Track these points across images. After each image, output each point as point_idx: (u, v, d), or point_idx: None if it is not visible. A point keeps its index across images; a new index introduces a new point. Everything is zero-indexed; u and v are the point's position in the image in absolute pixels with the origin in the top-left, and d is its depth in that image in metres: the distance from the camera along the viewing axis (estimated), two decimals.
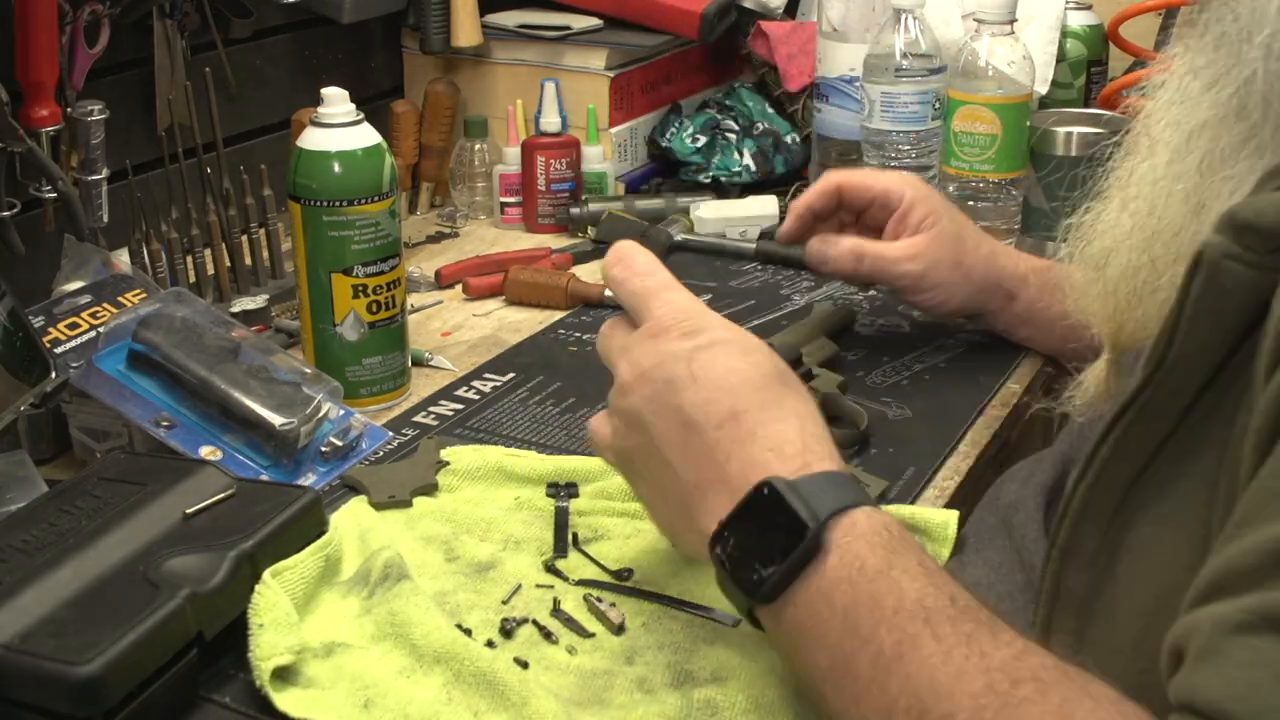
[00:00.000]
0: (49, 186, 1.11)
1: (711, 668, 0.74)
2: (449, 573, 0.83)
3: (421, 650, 0.73)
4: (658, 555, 0.85)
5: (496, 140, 1.54)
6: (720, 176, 1.52)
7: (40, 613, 0.70)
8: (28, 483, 0.90)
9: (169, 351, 0.97)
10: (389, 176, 1.03)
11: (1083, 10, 1.65)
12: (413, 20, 1.56)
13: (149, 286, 1.06)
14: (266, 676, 0.71)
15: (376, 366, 1.06)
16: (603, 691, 0.72)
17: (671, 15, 1.55)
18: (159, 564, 0.74)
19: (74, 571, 0.73)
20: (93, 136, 1.14)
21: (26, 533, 0.77)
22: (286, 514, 0.80)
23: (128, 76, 1.26)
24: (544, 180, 1.47)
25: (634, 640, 0.77)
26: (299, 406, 0.96)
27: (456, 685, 0.71)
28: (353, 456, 0.98)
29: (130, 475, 0.83)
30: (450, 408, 1.07)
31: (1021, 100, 1.34)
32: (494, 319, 1.26)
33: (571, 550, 0.86)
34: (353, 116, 1.03)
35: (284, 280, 1.25)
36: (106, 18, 1.17)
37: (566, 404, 1.07)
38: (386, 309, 1.05)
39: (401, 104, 1.51)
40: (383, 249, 1.04)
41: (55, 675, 0.66)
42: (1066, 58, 1.63)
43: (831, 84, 1.45)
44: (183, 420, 0.96)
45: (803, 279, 1.32)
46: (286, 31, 1.45)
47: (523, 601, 0.80)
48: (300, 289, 1.05)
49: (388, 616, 0.76)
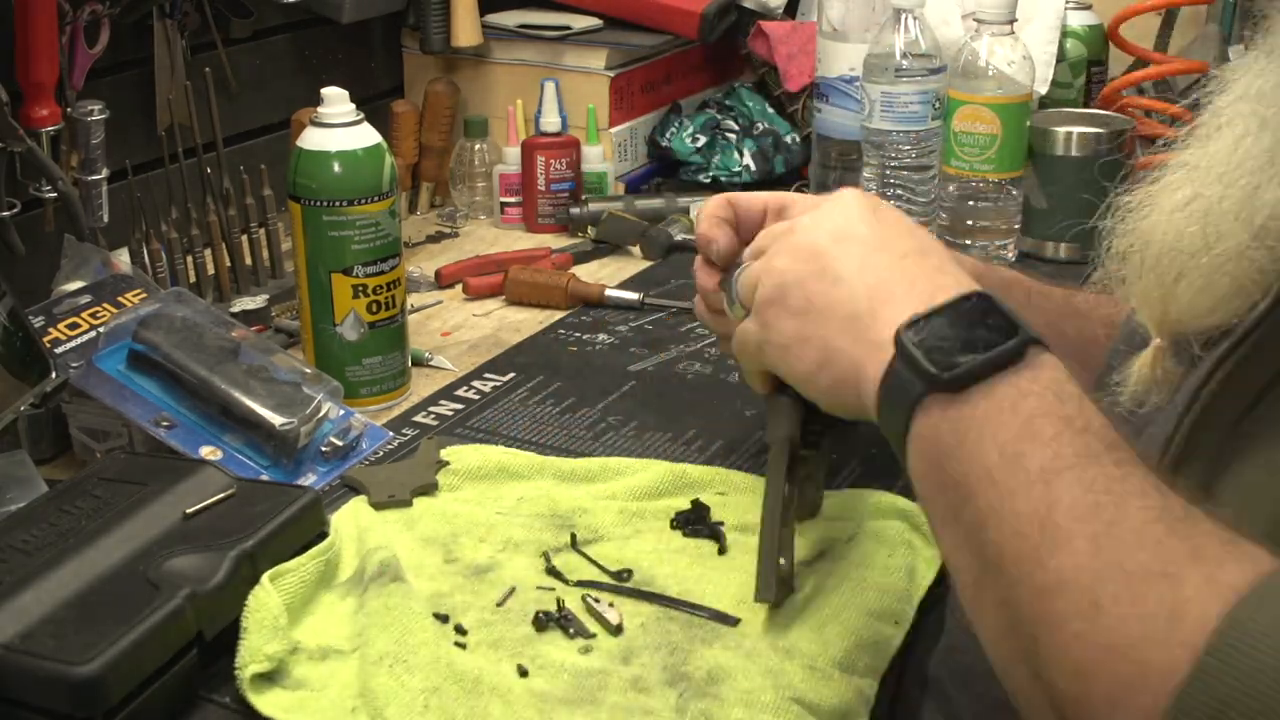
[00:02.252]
0: (49, 186, 1.11)
1: (708, 668, 0.74)
2: (447, 573, 0.83)
3: (405, 656, 0.73)
4: (658, 555, 0.85)
5: (496, 140, 1.54)
6: (720, 176, 1.52)
7: (40, 613, 0.70)
8: (28, 483, 0.90)
9: (169, 351, 0.97)
10: (389, 176, 1.03)
11: (1083, 10, 1.65)
12: (413, 20, 1.56)
13: (149, 286, 1.07)
14: (246, 681, 0.71)
15: (376, 366, 1.06)
16: (596, 690, 0.72)
17: (671, 15, 1.55)
18: (159, 564, 0.74)
19: (74, 571, 0.73)
20: (93, 136, 1.14)
21: (26, 533, 0.77)
22: (287, 514, 0.80)
23: (128, 76, 1.26)
24: (544, 180, 1.47)
25: (632, 640, 0.77)
26: (299, 406, 0.96)
27: (435, 695, 0.71)
28: (353, 456, 0.98)
29: (130, 475, 0.83)
30: (450, 408, 1.07)
31: (1021, 100, 1.34)
32: (494, 319, 1.26)
33: (571, 551, 0.86)
34: (353, 116, 1.03)
35: (284, 280, 1.25)
36: (106, 17, 1.17)
37: (566, 404, 1.07)
38: (386, 309, 1.05)
39: (401, 104, 1.51)
40: (383, 249, 1.04)
41: (55, 675, 0.66)
42: (1066, 58, 1.63)
43: (831, 84, 1.45)
44: (183, 420, 0.96)
45: None
46: (286, 31, 1.45)
47: (519, 603, 0.80)
48: (300, 289, 1.05)
49: (375, 617, 0.76)
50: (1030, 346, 0.63)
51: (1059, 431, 0.60)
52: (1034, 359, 0.63)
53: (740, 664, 0.74)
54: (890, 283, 0.70)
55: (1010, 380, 0.62)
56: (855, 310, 0.70)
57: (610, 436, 1.02)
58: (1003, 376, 0.62)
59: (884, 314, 0.68)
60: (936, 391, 0.63)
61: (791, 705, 0.70)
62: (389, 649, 0.73)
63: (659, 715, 0.70)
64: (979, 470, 0.61)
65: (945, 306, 0.66)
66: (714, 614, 0.79)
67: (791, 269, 0.75)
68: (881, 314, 0.68)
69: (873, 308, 0.69)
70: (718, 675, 0.73)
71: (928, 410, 0.63)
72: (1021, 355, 0.63)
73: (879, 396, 0.67)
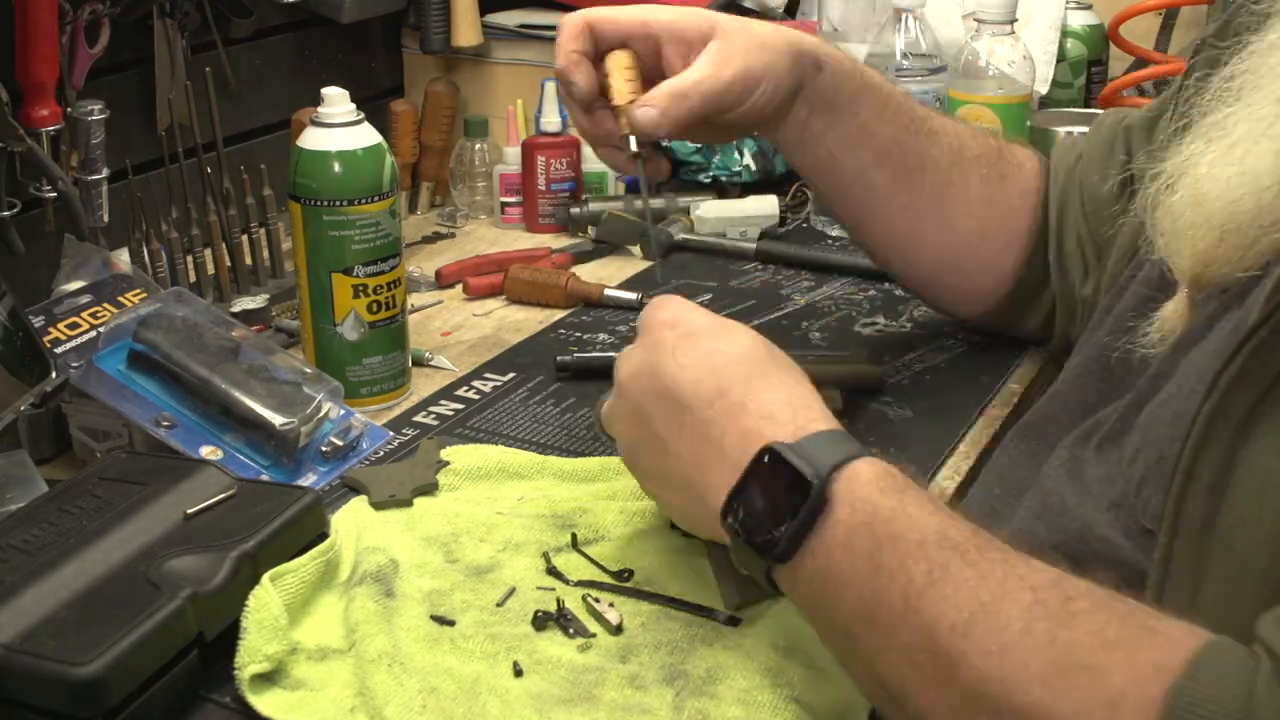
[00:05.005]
0: (49, 186, 1.11)
1: (707, 667, 0.74)
2: (448, 573, 0.83)
3: (403, 656, 0.73)
4: (658, 555, 0.85)
5: (496, 140, 1.54)
6: (720, 176, 1.52)
7: (41, 613, 0.70)
8: (28, 483, 0.90)
9: (169, 351, 0.97)
10: (389, 176, 1.03)
11: (1083, 10, 1.65)
12: (413, 20, 1.56)
13: (149, 286, 1.06)
14: (245, 682, 0.71)
15: (377, 366, 1.06)
16: (593, 688, 0.72)
17: None
18: (160, 564, 0.74)
19: (75, 572, 0.73)
20: (93, 136, 1.14)
21: (27, 533, 0.77)
22: (287, 514, 0.80)
23: (128, 76, 1.26)
24: (544, 180, 1.47)
25: (631, 639, 0.77)
26: (299, 406, 0.96)
27: (433, 695, 0.71)
28: (353, 456, 0.98)
29: (131, 475, 0.83)
30: (450, 407, 1.07)
31: (1021, 100, 1.34)
32: (494, 319, 1.26)
33: (571, 551, 0.86)
34: (353, 116, 1.03)
35: (284, 280, 1.25)
36: (106, 17, 1.17)
37: (566, 404, 1.07)
38: (387, 309, 1.05)
39: (401, 103, 1.51)
40: (383, 249, 1.04)
41: (56, 675, 0.66)
42: (1066, 58, 1.63)
43: None
44: (183, 420, 0.96)
45: (803, 279, 1.32)
46: (286, 31, 1.45)
47: (519, 603, 0.80)
48: (300, 289, 1.05)
49: (371, 616, 0.76)
50: (832, 483, 0.64)
51: (902, 556, 0.61)
52: (842, 493, 0.64)
53: (739, 663, 0.74)
54: (703, 446, 0.72)
55: (830, 528, 0.64)
56: (688, 479, 0.73)
57: None
58: (822, 528, 0.64)
59: (710, 480, 0.71)
60: (776, 564, 0.66)
61: (790, 704, 0.70)
62: (387, 649, 0.73)
63: (656, 713, 0.70)
64: (850, 616, 0.63)
65: (747, 475, 0.68)
66: (714, 614, 0.79)
67: (628, 434, 0.78)
68: (709, 481, 0.71)
69: (700, 477, 0.72)
70: (716, 674, 0.73)
71: (780, 576, 0.67)
72: (826, 499, 0.64)
73: (737, 564, 0.71)
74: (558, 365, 1.11)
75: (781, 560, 0.66)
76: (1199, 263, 0.70)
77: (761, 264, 1.37)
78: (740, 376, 0.72)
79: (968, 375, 1.11)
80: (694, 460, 0.72)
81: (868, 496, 0.64)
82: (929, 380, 1.10)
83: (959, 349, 1.16)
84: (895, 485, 0.64)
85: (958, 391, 1.08)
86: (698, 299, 1.27)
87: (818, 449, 0.66)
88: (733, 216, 1.43)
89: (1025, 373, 1.12)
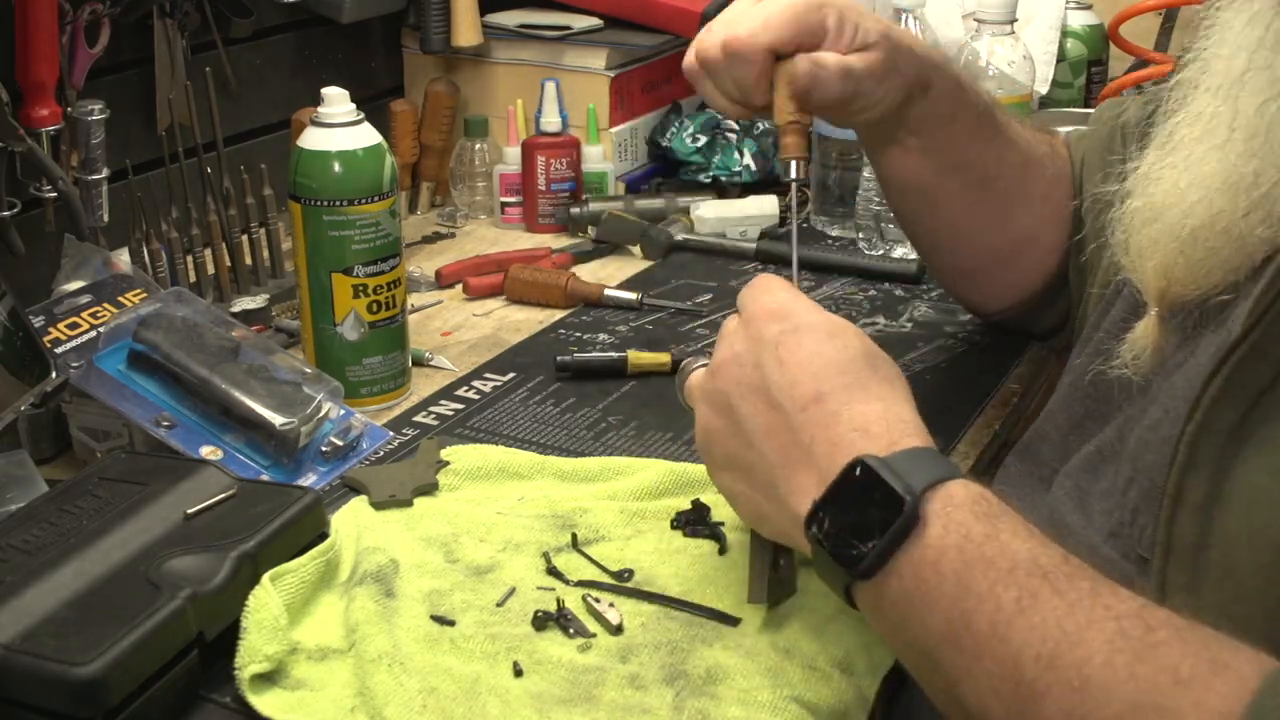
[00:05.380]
0: (49, 186, 1.11)
1: (707, 667, 0.74)
2: (448, 573, 0.83)
3: (403, 656, 0.73)
4: (658, 555, 0.85)
5: (496, 140, 1.54)
6: (720, 176, 1.52)
7: (41, 613, 0.70)
8: (28, 483, 0.90)
9: (169, 351, 0.97)
10: (389, 176, 1.03)
11: (1083, 10, 1.66)
12: (413, 20, 1.56)
13: (149, 286, 1.06)
14: (245, 682, 0.71)
15: (377, 366, 1.06)
16: (592, 688, 0.72)
17: (671, 15, 1.55)
18: (160, 564, 0.74)
19: (75, 572, 0.73)
20: (93, 136, 1.14)
21: (27, 533, 0.77)
22: (287, 514, 0.80)
23: (128, 76, 1.26)
24: (544, 180, 1.47)
25: (631, 639, 0.77)
26: (299, 406, 0.96)
27: (433, 695, 0.71)
28: (353, 456, 0.98)
29: (131, 475, 0.83)
30: (450, 407, 1.07)
31: (1021, 100, 1.34)
32: (494, 319, 1.26)
33: (571, 551, 0.86)
34: (353, 116, 1.03)
35: (284, 280, 1.25)
36: (106, 17, 1.17)
37: (566, 404, 1.07)
38: (387, 309, 1.05)
39: (401, 103, 1.51)
40: (383, 249, 1.04)
41: (56, 675, 0.66)
42: (1066, 58, 1.63)
43: None
44: (183, 420, 0.96)
45: (803, 279, 1.32)
46: (286, 31, 1.45)
47: (519, 603, 0.80)
48: (300, 289, 1.05)
49: (370, 616, 0.76)
50: (926, 502, 0.63)
51: (991, 581, 0.60)
52: (935, 513, 0.63)
53: (739, 663, 0.74)
54: (790, 448, 0.70)
55: (919, 548, 0.63)
56: (771, 479, 0.71)
57: (610, 436, 1.02)
58: (911, 547, 0.63)
59: (794, 484, 0.69)
60: (858, 580, 0.65)
61: (790, 704, 0.70)
62: (387, 649, 0.74)
63: (655, 713, 0.70)
64: (934, 638, 0.62)
65: (836, 487, 0.66)
66: (715, 614, 0.79)
67: (710, 423, 0.75)
68: (792, 484, 0.69)
69: (785, 476, 0.70)
70: (716, 674, 0.73)
71: (862, 592, 0.65)
72: (918, 518, 0.63)
73: (816, 573, 0.69)
74: (558, 365, 1.11)
75: (865, 576, 0.64)
76: (1161, 277, 0.69)
77: (761, 264, 1.37)
78: (840, 385, 0.70)
79: (968, 375, 1.11)
80: (780, 461, 0.70)
81: (961, 519, 0.62)
82: (929, 380, 1.10)
83: (959, 349, 1.16)
84: (989, 510, 0.63)
85: (958, 391, 1.08)
86: (698, 299, 1.27)
87: (911, 466, 0.64)
88: (732, 216, 1.43)
89: (1025, 373, 1.12)
